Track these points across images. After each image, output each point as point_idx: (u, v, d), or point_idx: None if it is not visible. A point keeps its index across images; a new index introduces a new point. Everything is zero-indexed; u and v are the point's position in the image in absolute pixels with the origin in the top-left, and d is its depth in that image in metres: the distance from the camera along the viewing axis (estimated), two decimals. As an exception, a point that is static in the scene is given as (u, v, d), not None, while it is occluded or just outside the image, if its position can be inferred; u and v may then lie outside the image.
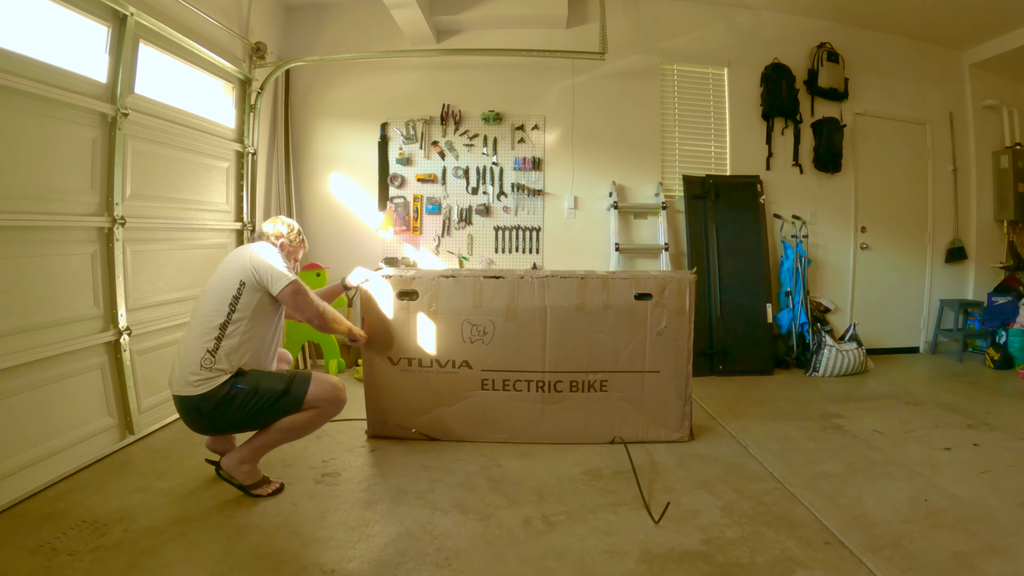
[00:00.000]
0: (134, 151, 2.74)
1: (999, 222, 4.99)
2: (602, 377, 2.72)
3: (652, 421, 2.75)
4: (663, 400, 2.74)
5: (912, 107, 4.82)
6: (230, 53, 3.62)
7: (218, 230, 3.51)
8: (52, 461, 2.23)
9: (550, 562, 1.74)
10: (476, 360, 2.70)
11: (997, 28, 4.44)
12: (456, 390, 2.71)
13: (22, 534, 1.84)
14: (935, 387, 3.83)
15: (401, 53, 4.26)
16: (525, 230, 4.45)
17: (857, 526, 1.94)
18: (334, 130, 4.48)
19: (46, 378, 2.24)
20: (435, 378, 2.71)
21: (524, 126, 4.42)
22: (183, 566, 1.69)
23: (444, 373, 2.71)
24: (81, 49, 2.48)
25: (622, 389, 2.73)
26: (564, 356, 2.70)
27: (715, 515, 2.03)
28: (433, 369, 2.71)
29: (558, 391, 2.72)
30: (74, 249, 2.42)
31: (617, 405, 2.73)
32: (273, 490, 2.16)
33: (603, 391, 2.72)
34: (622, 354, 2.71)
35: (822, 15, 4.58)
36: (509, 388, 2.71)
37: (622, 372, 2.72)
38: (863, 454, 2.60)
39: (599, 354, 2.71)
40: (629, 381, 2.73)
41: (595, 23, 4.26)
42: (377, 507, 2.09)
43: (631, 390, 2.73)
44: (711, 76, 4.60)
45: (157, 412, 2.87)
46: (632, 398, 2.73)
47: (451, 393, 2.72)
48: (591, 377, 2.72)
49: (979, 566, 1.70)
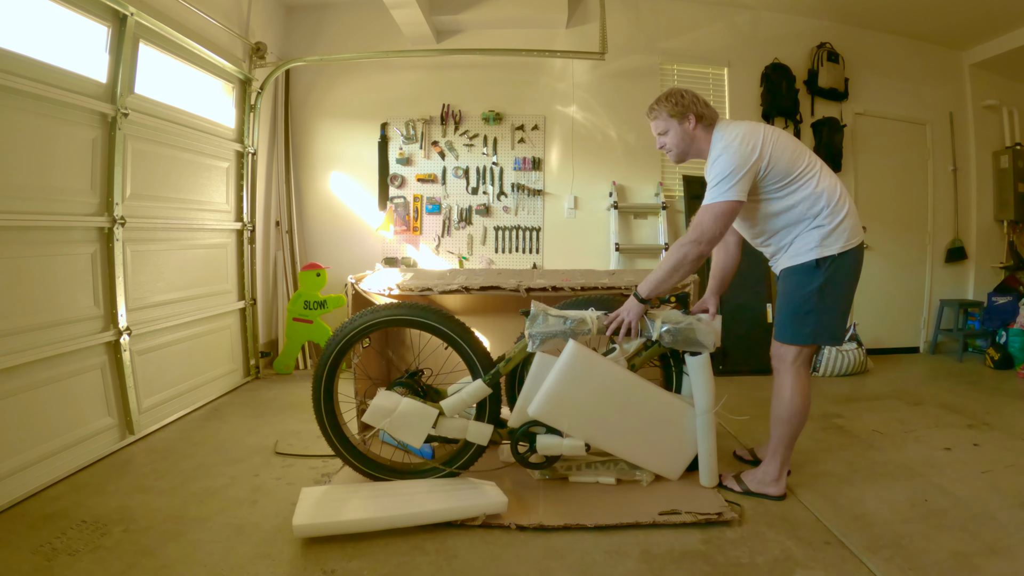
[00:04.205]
0: (134, 151, 2.74)
1: (999, 222, 4.99)
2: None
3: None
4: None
5: (912, 107, 4.82)
6: (230, 53, 3.62)
7: (218, 230, 3.51)
8: (52, 461, 2.23)
9: (550, 562, 1.74)
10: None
11: (997, 28, 4.44)
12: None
13: (22, 534, 1.84)
14: (935, 387, 3.83)
15: (401, 53, 4.26)
16: (525, 230, 4.45)
17: (857, 526, 1.94)
18: (334, 130, 4.48)
19: (46, 378, 2.24)
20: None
21: (524, 126, 4.42)
22: (183, 566, 1.69)
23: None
24: (81, 49, 2.48)
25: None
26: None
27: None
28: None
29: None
30: (74, 249, 2.42)
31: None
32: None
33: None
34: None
35: (822, 15, 4.58)
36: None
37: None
38: (863, 454, 2.60)
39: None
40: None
41: (595, 23, 4.25)
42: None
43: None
44: (711, 76, 4.60)
45: (157, 412, 2.87)
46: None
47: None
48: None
49: (979, 566, 1.70)
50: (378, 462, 2.19)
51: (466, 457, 2.17)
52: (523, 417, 2.08)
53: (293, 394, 3.50)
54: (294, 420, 3.00)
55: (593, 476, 2.25)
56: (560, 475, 2.26)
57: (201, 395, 3.25)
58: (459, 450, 2.18)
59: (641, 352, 2.18)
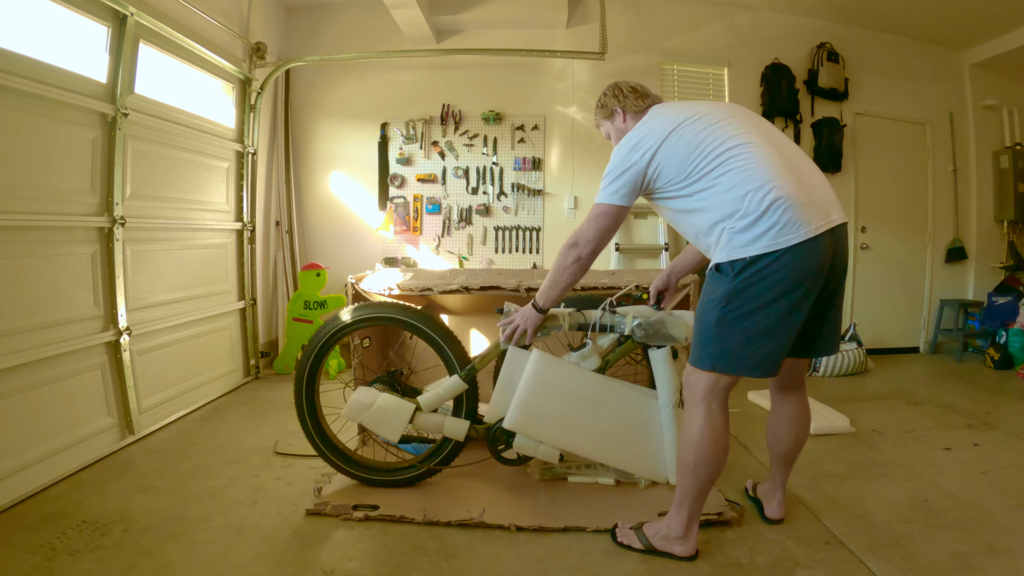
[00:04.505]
0: (134, 151, 2.74)
1: (999, 222, 4.99)
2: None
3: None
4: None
5: (912, 107, 4.82)
6: (230, 53, 3.62)
7: (218, 230, 3.51)
8: (52, 461, 2.23)
9: (550, 562, 1.74)
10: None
11: (997, 28, 4.44)
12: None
13: (22, 534, 1.84)
14: (935, 387, 3.83)
15: (401, 53, 4.26)
16: (525, 230, 4.45)
17: (857, 526, 1.94)
18: (334, 130, 4.48)
19: (46, 378, 2.24)
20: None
21: (524, 126, 4.42)
22: (183, 566, 1.69)
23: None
24: (81, 49, 2.48)
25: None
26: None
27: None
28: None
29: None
30: (74, 249, 2.42)
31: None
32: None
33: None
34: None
35: (822, 15, 4.58)
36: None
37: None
38: (863, 454, 2.60)
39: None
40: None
41: (595, 23, 4.25)
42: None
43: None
44: (711, 76, 4.60)
45: (157, 412, 2.87)
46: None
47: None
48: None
49: (979, 566, 1.70)
50: (360, 461, 2.21)
51: (444, 453, 2.17)
52: (498, 412, 2.07)
53: (293, 394, 3.50)
54: (294, 420, 2.94)
55: (592, 477, 2.25)
56: (560, 475, 2.26)
57: (201, 395, 3.25)
58: (437, 447, 2.19)
59: (615, 348, 2.14)
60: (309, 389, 2.21)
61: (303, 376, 2.20)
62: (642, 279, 2.36)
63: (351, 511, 1.98)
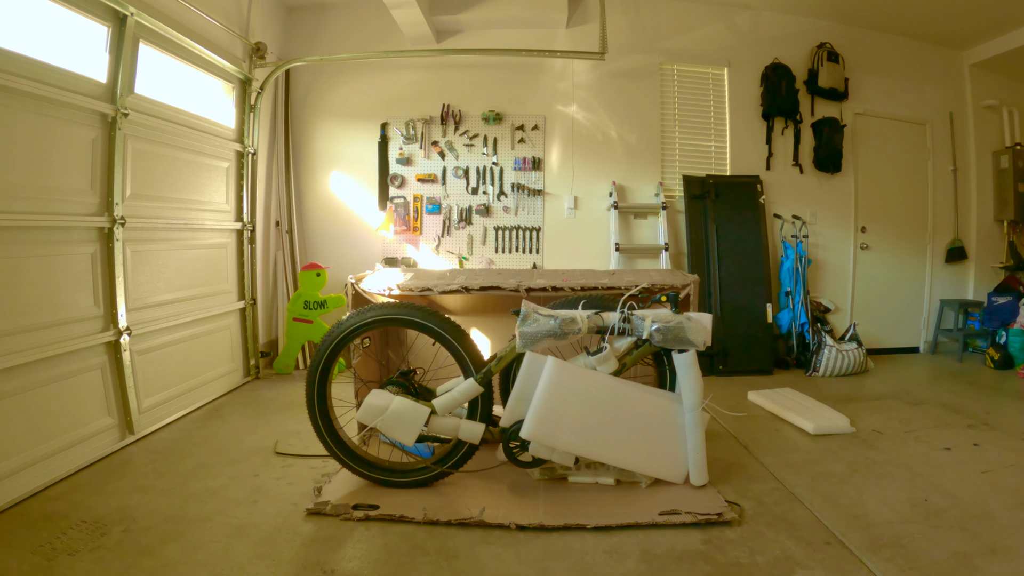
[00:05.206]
0: (134, 151, 2.74)
1: (999, 222, 4.99)
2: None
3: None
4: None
5: (912, 107, 4.82)
6: (230, 53, 3.62)
7: (218, 230, 3.51)
8: (52, 461, 2.23)
9: (550, 562, 1.74)
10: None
11: (997, 28, 4.44)
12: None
13: (22, 534, 1.84)
14: (935, 387, 3.83)
15: (401, 53, 4.26)
16: (525, 230, 4.45)
17: (857, 526, 1.94)
18: (334, 130, 4.48)
19: (46, 378, 2.24)
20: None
21: (524, 126, 4.42)
22: (183, 566, 1.69)
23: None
24: (81, 49, 2.48)
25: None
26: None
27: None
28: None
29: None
30: (74, 249, 2.42)
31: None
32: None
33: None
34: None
35: (822, 15, 4.58)
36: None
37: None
38: (863, 454, 2.60)
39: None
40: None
41: (595, 23, 4.25)
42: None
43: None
44: (711, 76, 4.60)
45: (157, 412, 2.87)
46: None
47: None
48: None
49: (979, 566, 1.70)
50: (373, 462, 2.20)
51: (459, 456, 2.17)
52: (514, 416, 2.08)
53: (293, 394, 3.50)
54: (294, 420, 3.00)
55: (592, 476, 2.25)
56: (559, 475, 2.26)
57: (201, 395, 3.25)
58: (451, 449, 2.18)
59: (632, 351, 2.17)
60: (321, 389, 2.19)
61: (315, 375, 2.18)
62: (642, 279, 2.36)
63: (351, 511, 1.98)
